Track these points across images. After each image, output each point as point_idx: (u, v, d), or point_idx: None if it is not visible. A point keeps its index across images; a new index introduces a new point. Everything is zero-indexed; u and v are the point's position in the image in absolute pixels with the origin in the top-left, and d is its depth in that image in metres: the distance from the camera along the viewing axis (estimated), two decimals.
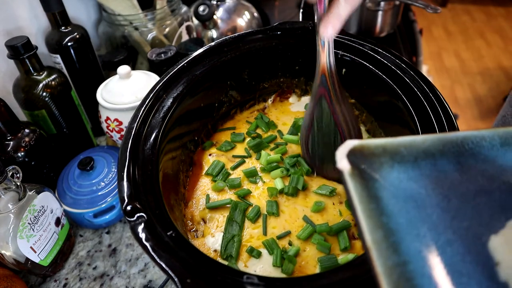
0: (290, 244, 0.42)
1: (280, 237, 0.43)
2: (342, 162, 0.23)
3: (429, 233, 0.22)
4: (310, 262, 0.41)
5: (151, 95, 0.46)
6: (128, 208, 0.35)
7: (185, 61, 0.50)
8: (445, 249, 0.21)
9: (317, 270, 0.40)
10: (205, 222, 0.46)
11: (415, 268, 0.20)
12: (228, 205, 0.46)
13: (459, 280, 0.20)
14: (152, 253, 0.31)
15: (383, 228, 0.21)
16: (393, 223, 0.21)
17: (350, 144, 0.23)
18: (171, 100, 0.46)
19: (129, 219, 0.34)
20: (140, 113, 0.44)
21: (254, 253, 0.41)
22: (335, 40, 0.48)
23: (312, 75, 0.46)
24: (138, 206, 0.35)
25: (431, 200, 0.23)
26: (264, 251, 0.42)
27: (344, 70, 0.52)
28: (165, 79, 0.48)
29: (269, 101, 0.61)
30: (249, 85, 0.57)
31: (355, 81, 0.52)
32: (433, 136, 0.25)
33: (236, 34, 0.54)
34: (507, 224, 0.22)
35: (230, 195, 0.48)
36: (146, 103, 0.45)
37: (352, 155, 0.23)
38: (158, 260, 0.31)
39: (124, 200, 0.35)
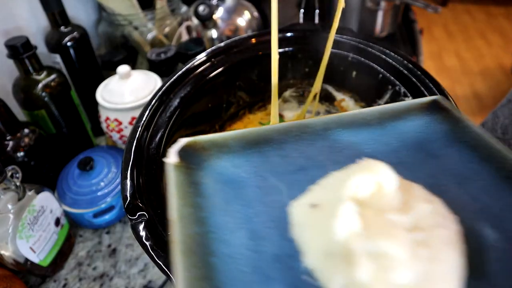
0: None
1: None
2: (171, 157, 0.24)
3: (241, 208, 0.24)
4: None
5: (158, 94, 0.45)
6: (130, 206, 0.35)
7: (193, 62, 0.49)
8: (252, 219, 0.23)
9: None
10: None
11: (216, 236, 0.22)
12: None
13: (257, 242, 0.22)
14: (151, 252, 0.31)
15: (194, 206, 0.22)
16: (207, 202, 0.23)
17: (183, 141, 0.25)
18: (178, 100, 0.46)
19: (130, 217, 0.34)
20: (147, 112, 0.43)
21: None
22: (346, 43, 0.50)
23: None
24: (140, 205, 0.35)
25: (250, 182, 0.25)
26: None
27: (354, 73, 0.51)
28: (172, 79, 0.47)
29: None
30: (258, 86, 0.57)
31: (365, 84, 0.51)
32: (267, 127, 0.27)
33: (245, 34, 0.53)
34: (307, 189, 0.25)
35: None
36: (153, 102, 0.44)
37: (183, 151, 0.25)
38: (157, 259, 0.31)
39: (127, 199, 0.35)
